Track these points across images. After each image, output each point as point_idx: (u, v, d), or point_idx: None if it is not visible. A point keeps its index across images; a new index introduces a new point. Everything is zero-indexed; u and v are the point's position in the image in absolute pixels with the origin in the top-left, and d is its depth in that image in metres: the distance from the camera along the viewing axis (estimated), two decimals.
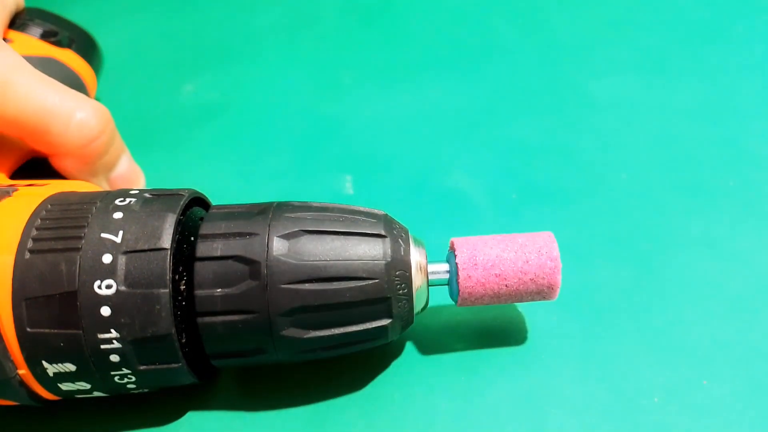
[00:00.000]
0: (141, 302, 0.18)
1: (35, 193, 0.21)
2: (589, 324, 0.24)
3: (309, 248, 0.20)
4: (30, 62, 0.25)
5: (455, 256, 0.22)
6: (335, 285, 0.20)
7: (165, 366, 0.19)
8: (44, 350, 0.19)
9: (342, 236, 0.20)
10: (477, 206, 0.30)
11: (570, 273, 0.23)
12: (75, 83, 0.30)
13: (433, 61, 0.40)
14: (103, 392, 0.20)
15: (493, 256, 0.21)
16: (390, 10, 0.45)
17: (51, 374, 0.19)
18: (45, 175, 0.25)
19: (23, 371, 0.19)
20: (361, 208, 0.22)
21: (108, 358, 0.19)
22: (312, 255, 0.20)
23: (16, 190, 0.21)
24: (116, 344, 0.19)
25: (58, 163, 0.25)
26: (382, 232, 0.21)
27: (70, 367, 0.19)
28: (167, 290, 0.19)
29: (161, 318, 0.19)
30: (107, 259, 0.19)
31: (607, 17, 0.42)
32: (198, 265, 0.19)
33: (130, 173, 0.28)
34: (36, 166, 0.26)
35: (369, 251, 0.20)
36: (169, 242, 0.19)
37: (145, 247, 0.19)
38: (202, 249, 0.20)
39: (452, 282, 0.22)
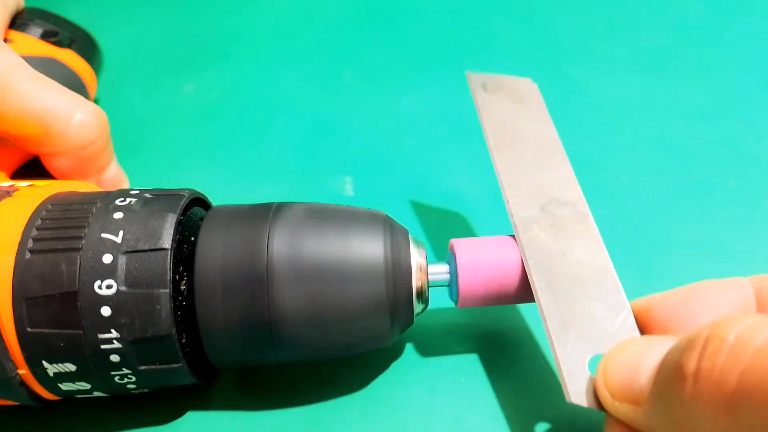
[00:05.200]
0: (141, 302, 0.18)
1: (35, 193, 0.21)
2: None
3: (309, 249, 0.20)
4: (30, 62, 0.25)
5: (455, 257, 0.22)
6: (335, 286, 0.20)
7: (165, 366, 0.19)
8: (44, 350, 0.19)
9: (342, 237, 0.20)
10: (477, 207, 0.30)
11: None
12: (75, 83, 0.30)
13: (433, 61, 0.40)
14: (103, 392, 0.20)
15: (493, 257, 0.21)
16: (390, 10, 0.45)
17: (51, 374, 0.19)
18: (45, 175, 0.25)
19: (23, 371, 0.19)
20: (361, 209, 0.22)
21: (108, 358, 0.19)
22: (312, 255, 0.20)
23: (17, 190, 0.21)
24: (116, 344, 0.19)
25: (51, 163, 0.25)
26: (382, 233, 0.21)
27: (70, 367, 0.19)
28: (167, 290, 0.19)
29: (161, 318, 0.19)
30: (107, 259, 0.19)
31: (607, 17, 0.42)
32: (198, 265, 0.20)
33: (118, 176, 0.28)
34: (36, 166, 0.26)
35: (369, 252, 0.20)
36: (170, 242, 0.19)
37: (146, 247, 0.19)
38: (202, 249, 0.20)
39: (452, 283, 0.22)
